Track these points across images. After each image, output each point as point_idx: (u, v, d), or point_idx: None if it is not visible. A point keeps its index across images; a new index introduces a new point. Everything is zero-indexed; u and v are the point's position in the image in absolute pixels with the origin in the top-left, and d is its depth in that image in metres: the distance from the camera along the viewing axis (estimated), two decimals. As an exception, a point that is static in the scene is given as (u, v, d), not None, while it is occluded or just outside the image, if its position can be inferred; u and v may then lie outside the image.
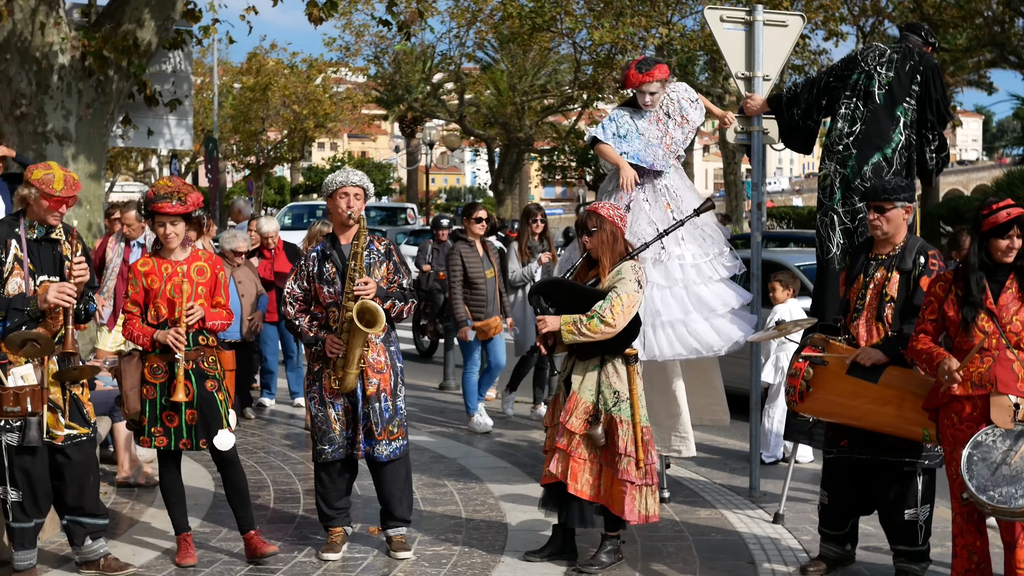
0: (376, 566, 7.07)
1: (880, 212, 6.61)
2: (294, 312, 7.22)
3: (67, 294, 6.49)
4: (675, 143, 8.32)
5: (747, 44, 8.89)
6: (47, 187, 6.51)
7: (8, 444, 6.49)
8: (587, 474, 6.90)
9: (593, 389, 6.93)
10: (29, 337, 6.38)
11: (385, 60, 43.79)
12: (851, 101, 7.82)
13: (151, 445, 7.02)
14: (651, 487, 6.92)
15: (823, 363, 6.55)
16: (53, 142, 11.78)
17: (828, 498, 6.85)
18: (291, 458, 10.06)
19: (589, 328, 6.76)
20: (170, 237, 6.92)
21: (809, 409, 6.75)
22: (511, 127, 43.08)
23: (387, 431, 7.10)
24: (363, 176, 7.25)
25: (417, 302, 7.46)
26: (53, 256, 6.69)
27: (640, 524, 7.03)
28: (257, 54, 46.36)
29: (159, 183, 6.99)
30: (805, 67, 29.34)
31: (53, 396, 6.58)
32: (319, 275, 7.15)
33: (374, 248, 7.20)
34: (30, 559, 6.67)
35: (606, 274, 6.97)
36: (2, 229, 6.62)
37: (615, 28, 26.75)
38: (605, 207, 7.14)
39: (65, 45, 11.70)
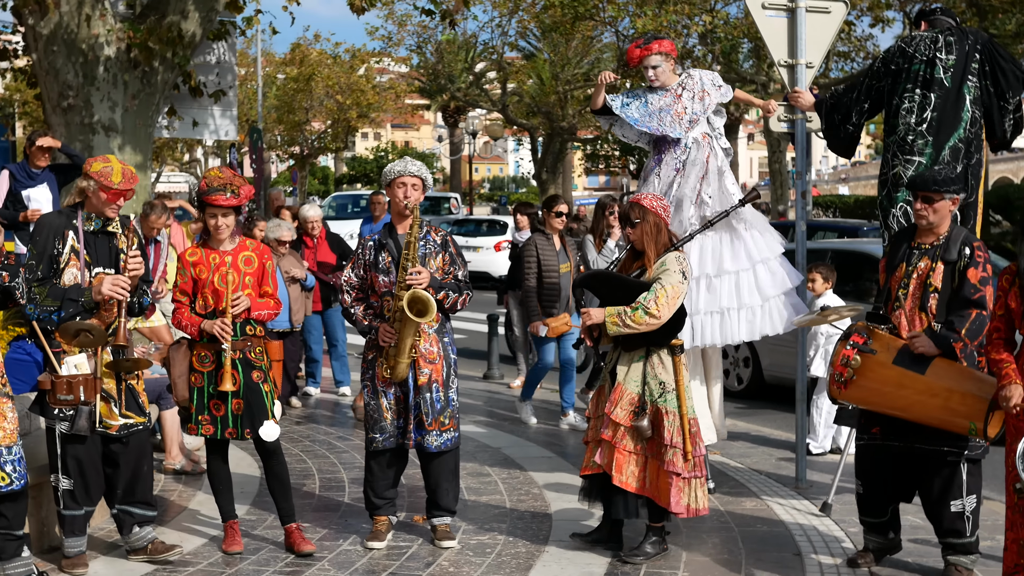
0: (420, 555, 7.09)
1: (928, 203, 6.54)
2: (350, 300, 7.24)
3: (121, 287, 6.55)
4: (689, 111, 8.35)
5: (789, 31, 8.82)
6: (105, 179, 6.57)
7: (61, 432, 6.56)
8: (632, 466, 6.89)
9: (639, 380, 6.91)
10: (83, 327, 6.45)
11: (428, 50, 43.80)
12: (914, 92, 7.68)
13: (198, 433, 7.07)
14: (700, 479, 6.89)
15: (871, 351, 6.50)
16: (100, 133, 11.89)
17: (863, 487, 6.80)
18: (336, 447, 10.10)
19: (634, 320, 6.75)
20: (221, 228, 6.97)
21: (852, 397, 6.69)
22: (554, 116, 42.97)
23: (438, 422, 7.11)
24: (422, 166, 7.26)
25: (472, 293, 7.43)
26: (109, 248, 6.76)
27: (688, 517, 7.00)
28: (300, 45, 46.56)
29: (211, 174, 7.02)
30: (851, 54, 29.14)
31: (107, 386, 6.64)
32: (375, 264, 7.17)
33: (431, 239, 7.20)
34: (80, 546, 6.74)
35: (651, 265, 6.94)
36: (60, 220, 6.70)
37: (658, 16, 26.66)
38: (648, 198, 7.12)
39: (111, 37, 11.78)
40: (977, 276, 6.40)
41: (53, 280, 6.56)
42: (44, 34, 11.77)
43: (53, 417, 6.57)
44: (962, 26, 7.87)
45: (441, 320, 7.20)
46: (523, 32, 42.70)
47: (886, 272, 6.77)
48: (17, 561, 6.08)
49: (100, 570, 6.78)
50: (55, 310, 6.50)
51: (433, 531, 7.31)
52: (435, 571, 6.78)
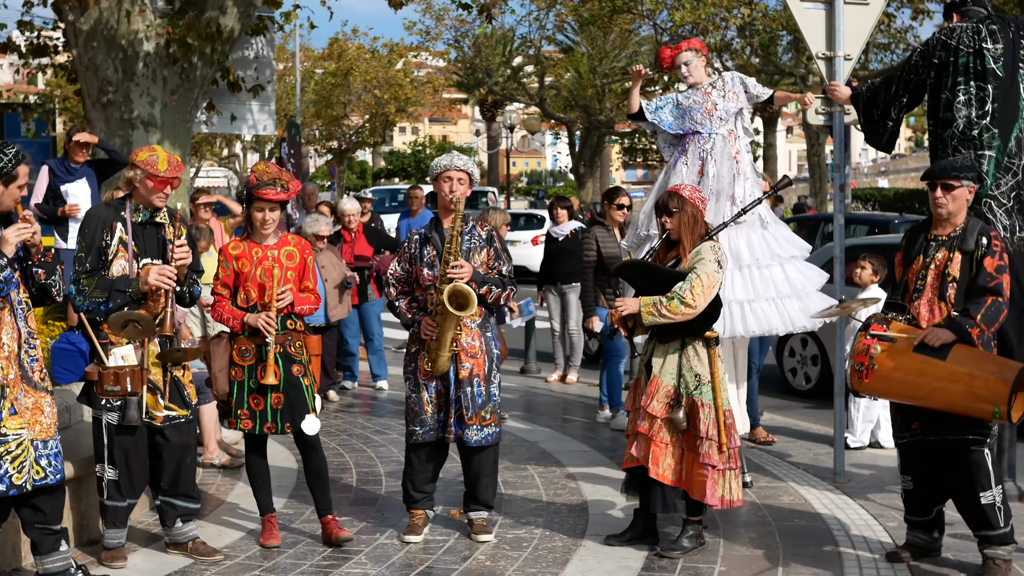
0: (457, 549, 7.10)
1: (948, 190, 6.52)
2: (395, 293, 7.26)
3: (167, 277, 6.60)
4: (720, 109, 8.42)
5: (827, 23, 8.76)
6: (152, 168, 6.62)
7: (108, 423, 6.61)
8: (669, 458, 6.87)
9: (674, 372, 6.89)
10: (131, 318, 6.48)
11: (465, 44, 43.84)
12: (968, 85, 7.60)
13: (237, 427, 7.10)
14: (734, 471, 6.87)
15: (892, 340, 6.46)
16: (139, 128, 11.95)
17: (911, 483, 6.76)
18: (373, 440, 10.13)
19: (669, 309, 6.73)
20: (268, 223, 7.00)
21: (874, 388, 6.64)
22: (591, 110, 42.93)
23: (479, 416, 7.11)
24: (468, 161, 7.26)
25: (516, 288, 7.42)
26: (157, 239, 6.80)
27: (723, 509, 6.99)
28: (338, 39, 46.66)
29: (260, 169, 7.05)
30: (891, 46, 28.93)
31: (153, 377, 6.68)
32: (419, 257, 7.19)
33: (476, 233, 7.20)
34: (120, 538, 6.79)
35: (687, 255, 6.92)
36: (108, 212, 6.75)
37: (696, 9, 26.53)
38: (686, 189, 7.10)
39: (150, 33, 11.85)
40: (994, 264, 6.40)
41: (102, 272, 6.60)
42: (84, 30, 11.85)
43: (100, 408, 6.62)
44: (1001, 14, 7.79)
45: (484, 314, 7.21)
46: (561, 26, 42.67)
47: (903, 265, 6.75)
48: (55, 555, 6.12)
49: (139, 563, 6.83)
50: (103, 301, 6.54)
51: (470, 525, 7.31)
52: (471, 565, 6.79)
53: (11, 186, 5.91)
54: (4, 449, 5.84)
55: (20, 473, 5.87)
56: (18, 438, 5.88)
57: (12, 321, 5.94)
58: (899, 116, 8.00)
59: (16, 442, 5.87)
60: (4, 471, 5.83)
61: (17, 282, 5.97)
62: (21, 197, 6.02)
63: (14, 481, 5.86)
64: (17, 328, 5.96)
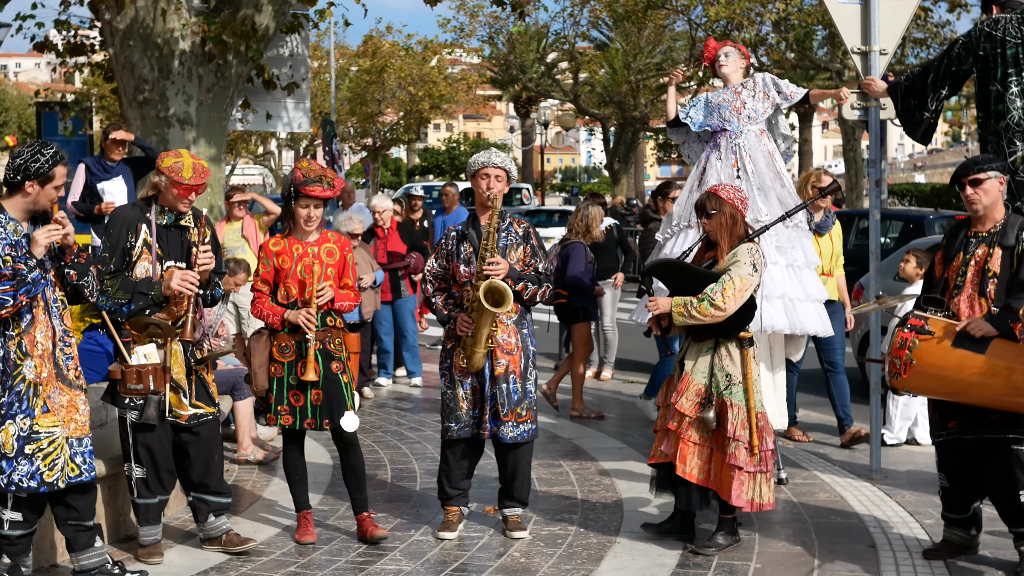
0: (492, 545, 7.10)
1: (976, 185, 6.46)
2: (432, 290, 7.27)
3: (189, 282, 6.62)
4: (748, 108, 8.42)
5: (863, 17, 8.70)
6: (176, 175, 6.65)
7: (131, 421, 6.65)
8: (697, 458, 6.85)
9: (706, 372, 6.87)
10: (151, 322, 6.54)
11: (499, 40, 43.88)
12: (1020, 76, 7.51)
13: (277, 423, 7.12)
14: (765, 474, 6.83)
15: (930, 333, 6.39)
16: (175, 126, 12.01)
17: (947, 481, 6.71)
18: (408, 437, 10.14)
19: (699, 311, 6.71)
20: (312, 219, 7.02)
21: (912, 385, 6.57)
22: (626, 106, 42.87)
23: (514, 413, 7.10)
24: (506, 158, 7.27)
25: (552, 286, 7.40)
26: (181, 242, 6.83)
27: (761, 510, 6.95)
28: (373, 37, 46.77)
29: (305, 166, 7.08)
30: (927, 40, 28.72)
31: (177, 376, 6.71)
32: (456, 254, 7.19)
33: (512, 230, 7.20)
34: (155, 534, 6.82)
35: (723, 257, 6.89)
36: (133, 213, 6.78)
37: (731, 4, 26.44)
38: (725, 189, 7.06)
39: (185, 31, 11.90)
40: None
41: (125, 273, 6.64)
42: (120, 29, 11.91)
43: (124, 406, 6.66)
44: None
45: (520, 311, 7.20)
46: (595, 21, 42.63)
47: (943, 263, 6.67)
48: (90, 551, 6.16)
49: (175, 559, 6.86)
50: (125, 303, 6.58)
51: (504, 522, 7.31)
52: (506, 562, 6.79)
53: (48, 186, 5.95)
54: (36, 446, 5.88)
55: (52, 470, 5.91)
56: (51, 435, 5.92)
57: (47, 319, 5.97)
58: (937, 108, 7.93)
59: (48, 439, 5.91)
60: (36, 468, 5.88)
61: (51, 281, 6.00)
62: (58, 197, 6.06)
63: (45, 479, 5.90)
64: (52, 326, 6.00)
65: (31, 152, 5.93)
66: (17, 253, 5.82)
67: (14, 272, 5.77)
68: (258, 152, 57.24)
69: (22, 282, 5.77)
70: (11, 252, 5.81)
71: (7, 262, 5.78)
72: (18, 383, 5.88)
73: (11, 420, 5.86)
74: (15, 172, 5.91)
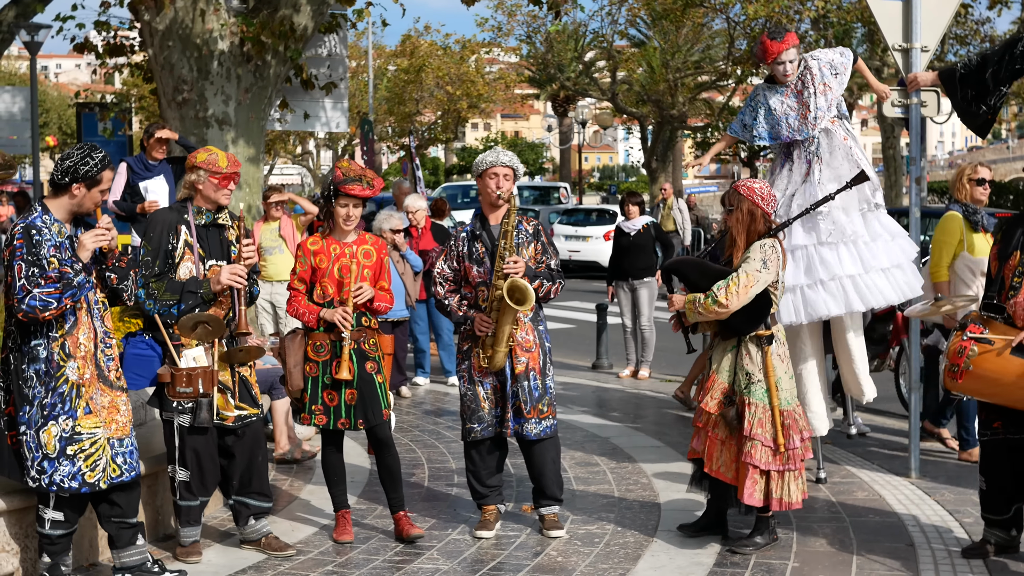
0: (529, 544, 7.10)
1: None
2: (443, 292, 7.27)
3: (239, 275, 6.67)
4: (817, 110, 8.16)
5: (904, 14, 8.64)
6: (213, 166, 6.71)
7: (180, 425, 6.68)
8: (724, 455, 6.85)
9: (729, 370, 6.87)
10: (201, 319, 6.56)
11: (537, 39, 43.83)
12: None
13: (311, 423, 7.14)
14: (794, 472, 6.79)
15: (989, 343, 6.32)
16: (214, 127, 12.07)
17: (986, 483, 6.65)
18: (444, 436, 10.16)
19: (704, 307, 6.74)
20: (351, 219, 7.03)
21: (967, 388, 6.51)
22: (664, 104, 42.73)
23: (536, 410, 7.12)
24: (512, 156, 7.27)
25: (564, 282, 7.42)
26: (220, 241, 6.87)
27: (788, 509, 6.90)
28: (411, 36, 46.89)
29: (345, 165, 7.10)
30: (967, 37, 28.50)
31: (223, 378, 6.74)
32: (468, 255, 7.20)
33: (522, 228, 7.21)
34: (194, 535, 6.86)
35: (739, 252, 6.89)
36: (171, 216, 6.83)
37: (769, 1, 26.37)
38: (747, 185, 7.03)
39: (224, 31, 11.96)
40: None
41: (169, 275, 6.68)
42: (159, 30, 11.99)
43: (172, 410, 6.69)
44: None
45: (535, 309, 7.21)
46: (633, 20, 42.53)
47: (998, 261, 6.57)
48: (132, 549, 6.20)
49: (213, 558, 6.89)
50: (175, 303, 6.62)
51: (541, 521, 7.31)
52: (543, 561, 6.79)
53: (94, 190, 6.00)
54: (79, 447, 5.93)
55: (93, 471, 5.96)
56: (92, 436, 5.97)
57: (89, 321, 6.02)
58: (996, 104, 7.78)
59: (91, 440, 5.96)
60: (77, 469, 5.92)
61: (93, 282, 6.05)
62: (102, 200, 6.11)
63: (87, 479, 5.95)
64: (93, 328, 6.05)
65: (81, 155, 5.98)
66: (62, 255, 5.87)
67: (60, 275, 5.82)
68: (296, 152, 57.46)
69: (68, 285, 5.82)
70: (56, 254, 5.86)
71: (52, 264, 5.83)
72: (61, 384, 5.92)
73: (54, 421, 5.91)
74: (63, 173, 5.96)
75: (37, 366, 5.91)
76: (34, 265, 5.80)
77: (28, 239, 5.84)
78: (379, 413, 7.07)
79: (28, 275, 5.78)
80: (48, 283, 5.79)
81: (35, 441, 5.90)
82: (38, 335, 5.91)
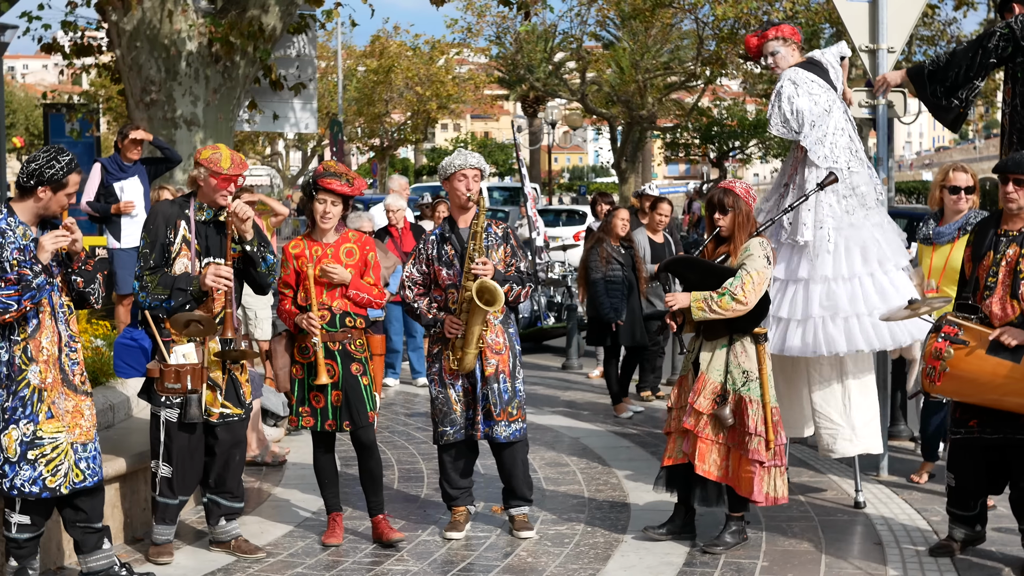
0: (499, 545, 7.10)
1: (1021, 185, 6.40)
2: (412, 295, 7.26)
3: (224, 278, 6.62)
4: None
5: (871, 15, 8.68)
6: (215, 166, 6.66)
7: (167, 420, 6.65)
8: (715, 455, 6.85)
9: (721, 369, 6.87)
10: (192, 318, 6.52)
11: (507, 40, 43.84)
12: None
13: (299, 425, 7.11)
14: (780, 468, 6.84)
15: (963, 343, 6.35)
16: (182, 127, 12.04)
17: (956, 480, 6.69)
18: (415, 438, 10.15)
19: (720, 305, 6.71)
20: (328, 216, 6.98)
21: (946, 390, 6.53)
22: (633, 105, 42.81)
23: (506, 412, 7.12)
24: (480, 158, 7.28)
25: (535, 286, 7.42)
26: (220, 239, 6.82)
27: (766, 505, 6.94)
28: (380, 37, 46.82)
29: (328, 164, 7.08)
30: (934, 38, 28.68)
31: (213, 375, 6.72)
32: (438, 257, 7.19)
33: (492, 231, 7.21)
34: (168, 535, 6.83)
35: (737, 253, 6.89)
36: (173, 210, 6.79)
37: (738, 2, 26.44)
38: (739, 186, 7.06)
39: (192, 32, 11.92)
40: None
41: (164, 269, 6.65)
42: (127, 30, 11.94)
43: (160, 404, 6.67)
44: None
45: (506, 312, 7.22)
46: (602, 21, 42.62)
47: (972, 261, 6.61)
48: (98, 553, 6.16)
49: (182, 560, 6.86)
50: (165, 298, 6.58)
51: (511, 521, 7.32)
52: (513, 561, 6.79)
53: (60, 193, 5.94)
54: (39, 452, 5.89)
55: (55, 476, 5.92)
56: (54, 442, 5.93)
57: (52, 325, 5.98)
58: (968, 97, 7.79)
59: (52, 445, 5.92)
60: (38, 474, 5.89)
61: (57, 287, 6.01)
62: (68, 204, 6.06)
63: (47, 484, 5.91)
64: (58, 331, 6.00)
65: (47, 158, 5.93)
66: (24, 257, 5.83)
67: (19, 277, 5.77)
68: (266, 153, 57.32)
69: (27, 287, 5.77)
70: (19, 256, 5.82)
71: (13, 266, 5.78)
72: (22, 388, 5.88)
73: (14, 425, 5.86)
74: (29, 176, 5.92)
75: (-1, 370, 5.86)
76: None
77: None
78: (364, 415, 7.04)
79: None
80: (8, 285, 5.75)
81: (-2, 444, 5.86)
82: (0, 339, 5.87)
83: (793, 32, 8.09)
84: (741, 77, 41.00)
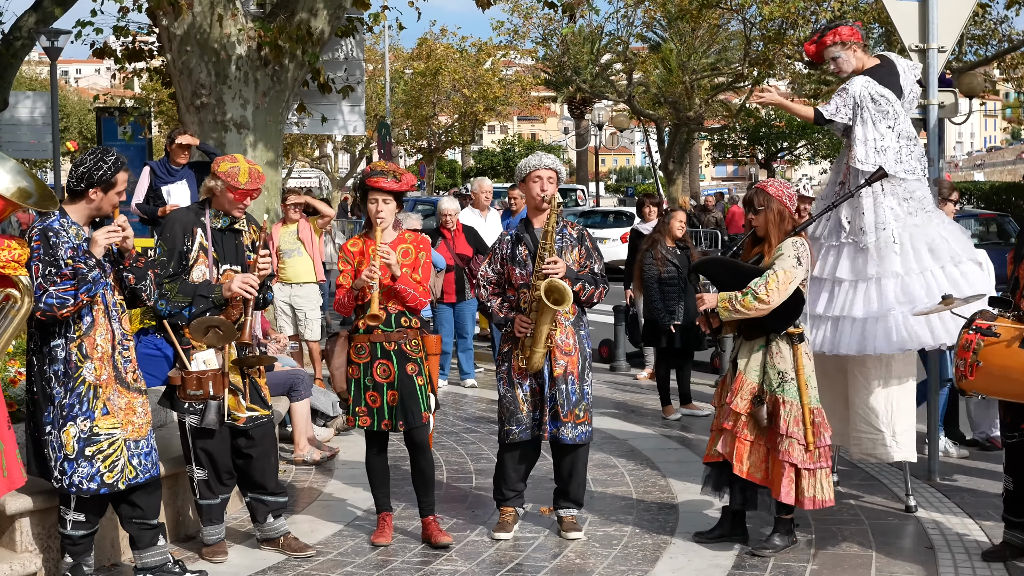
0: (547, 546, 7.11)
1: None
2: (486, 295, 7.29)
3: (250, 285, 6.68)
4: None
5: (920, 14, 8.63)
6: (232, 180, 6.70)
7: (191, 425, 6.72)
8: (754, 455, 6.83)
9: (758, 370, 6.86)
10: (213, 324, 6.58)
11: (553, 42, 43.79)
12: None
13: (355, 424, 7.14)
14: (825, 470, 6.80)
15: (995, 335, 6.32)
16: (232, 131, 12.10)
17: (1013, 483, 6.63)
18: (463, 438, 10.17)
19: (743, 304, 6.71)
20: (381, 214, 7.02)
21: (979, 386, 6.48)
22: (680, 106, 42.66)
23: (573, 414, 7.11)
24: (555, 159, 7.29)
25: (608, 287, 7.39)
26: (236, 246, 6.88)
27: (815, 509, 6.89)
28: (427, 39, 46.86)
29: (376, 163, 7.12)
30: (985, 37, 28.40)
31: (234, 380, 6.77)
32: (512, 257, 7.21)
33: (566, 232, 7.21)
34: (219, 533, 6.90)
35: (771, 252, 6.88)
36: (189, 217, 6.85)
37: (785, 2, 26.26)
38: (774, 185, 7.05)
39: (242, 36, 11.99)
40: None
41: (183, 276, 6.71)
42: (178, 35, 12.02)
43: (183, 411, 6.73)
44: None
45: (577, 313, 7.21)
46: (649, 22, 42.48)
47: (1015, 262, 6.58)
48: (153, 549, 6.23)
49: (234, 559, 6.92)
50: (186, 306, 6.64)
51: (559, 522, 7.32)
52: (561, 563, 6.80)
53: (111, 192, 6.05)
54: (96, 448, 5.97)
55: (112, 472, 5.99)
56: (111, 437, 6.00)
57: (106, 323, 6.06)
58: None
59: (108, 441, 5.99)
60: (96, 470, 5.96)
61: (110, 284, 6.09)
62: (120, 202, 6.15)
63: (105, 480, 5.98)
64: (111, 329, 6.08)
65: (93, 160, 6.03)
66: (78, 255, 5.91)
67: (74, 271, 5.85)
68: (314, 155, 57.52)
69: (82, 281, 5.85)
70: (73, 255, 5.90)
71: (68, 263, 5.87)
72: (79, 385, 5.96)
73: (72, 422, 5.95)
74: (79, 180, 6.01)
75: (56, 367, 5.95)
76: (50, 265, 5.85)
77: (45, 241, 5.89)
78: (418, 415, 7.06)
79: (44, 274, 5.83)
80: (63, 280, 5.84)
81: (57, 441, 5.94)
82: (56, 336, 5.95)
83: (852, 33, 7.93)
84: (789, 78, 40.74)
